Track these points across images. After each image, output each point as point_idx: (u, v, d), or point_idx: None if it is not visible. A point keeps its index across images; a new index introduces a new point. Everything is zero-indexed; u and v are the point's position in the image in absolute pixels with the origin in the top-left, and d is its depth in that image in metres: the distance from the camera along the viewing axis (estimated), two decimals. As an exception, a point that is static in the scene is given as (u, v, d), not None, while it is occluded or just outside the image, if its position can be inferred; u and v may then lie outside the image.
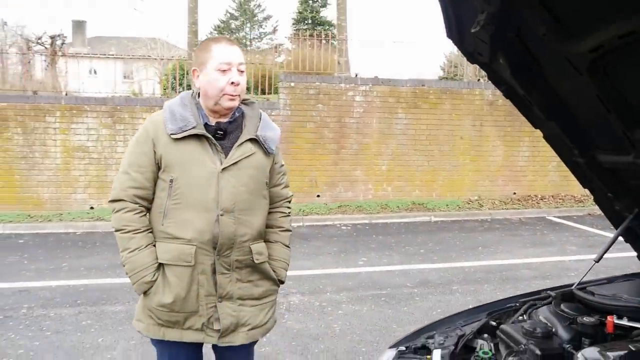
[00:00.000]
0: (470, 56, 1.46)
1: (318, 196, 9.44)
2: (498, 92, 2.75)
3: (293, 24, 28.90)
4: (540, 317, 1.58)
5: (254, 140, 1.93)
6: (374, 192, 9.65)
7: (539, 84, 1.40)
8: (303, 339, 3.87)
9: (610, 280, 1.90)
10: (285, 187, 2.13)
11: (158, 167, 1.89)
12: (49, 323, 4.17)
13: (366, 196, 9.63)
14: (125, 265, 1.88)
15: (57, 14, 55.02)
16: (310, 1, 28.74)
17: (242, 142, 1.90)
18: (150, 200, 1.91)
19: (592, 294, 1.61)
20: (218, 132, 1.89)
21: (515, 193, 10.15)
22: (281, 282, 2.07)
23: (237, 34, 35.66)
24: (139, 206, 1.89)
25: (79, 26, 32.58)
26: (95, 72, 19.23)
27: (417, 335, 1.70)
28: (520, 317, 1.68)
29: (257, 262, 1.93)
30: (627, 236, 1.79)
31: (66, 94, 9.58)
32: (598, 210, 1.88)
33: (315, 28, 22.99)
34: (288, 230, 2.12)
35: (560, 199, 10.12)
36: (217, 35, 32.29)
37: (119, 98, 9.28)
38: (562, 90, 1.41)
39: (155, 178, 1.90)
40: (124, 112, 8.80)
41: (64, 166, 8.67)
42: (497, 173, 10.12)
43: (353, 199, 9.55)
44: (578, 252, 6.62)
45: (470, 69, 11.30)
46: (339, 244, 7.13)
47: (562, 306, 1.58)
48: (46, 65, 9.96)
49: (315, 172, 9.40)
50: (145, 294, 1.89)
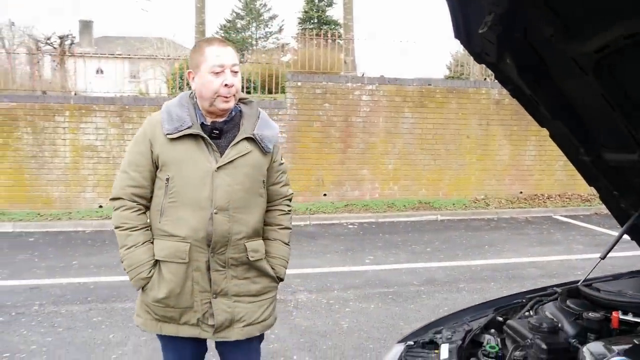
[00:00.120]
0: (478, 56, 1.47)
1: (325, 195, 9.47)
2: (505, 91, 2.75)
3: (299, 23, 28.95)
4: (547, 312, 1.59)
5: (251, 139, 1.94)
6: (380, 191, 9.67)
7: (545, 84, 1.42)
8: (311, 336, 3.91)
9: (615, 277, 1.90)
10: (285, 185, 2.13)
11: (156, 167, 1.92)
12: (61, 319, 4.24)
13: (373, 195, 9.65)
14: (123, 262, 1.95)
15: (64, 14, 55.32)
16: (316, 0, 28.75)
17: (238, 141, 1.92)
18: (148, 199, 1.96)
19: (598, 290, 1.62)
20: (214, 131, 1.92)
21: (521, 192, 10.13)
22: (280, 279, 2.07)
23: (243, 33, 35.72)
24: (137, 204, 1.93)
25: (86, 26, 32.78)
26: (102, 71, 19.34)
27: (425, 331, 1.72)
28: (526, 313, 1.69)
29: (252, 259, 1.94)
30: (633, 234, 1.80)
31: (75, 94, 9.66)
32: (605, 210, 1.89)
33: (321, 27, 22.99)
34: (287, 228, 2.12)
35: (567, 198, 10.08)
36: (223, 35, 32.37)
37: (127, 98, 9.35)
38: (568, 89, 1.43)
39: (153, 177, 1.94)
40: (132, 112, 8.86)
41: (73, 165, 8.76)
42: (504, 172, 10.10)
43: (360, 197, 9.57)
44: (585, 251, 6.60)
45: (477, 68, 11.27)
46: (346, 242, 7.16)
47: (568, 302, 1.59)
48: (55, 65, 10.03)
49: (322, 171, 9.43)
50: (142, 289, 1.95)
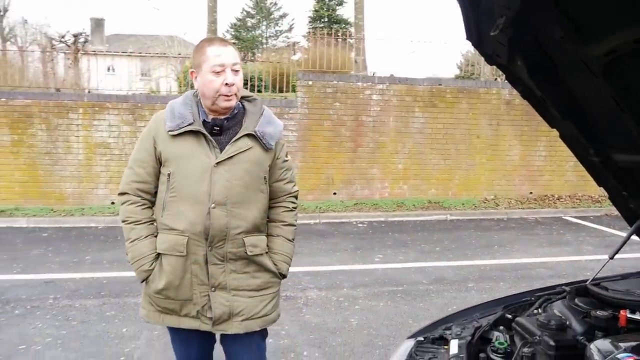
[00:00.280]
0: (489, 58, 1.50)
1: (334, 194, 9.50)
2: (515, 92, 2.77)
3: (309, 22, 28.93)
4: (555, 310, 1.61)
5: (252, 136, 1.98)
6: (390, 191, 9.69)
7: (555, 85, 1.44)
8: (321, 333, 3.95)
9: (624, 276, 1.92)
10: (289, 182, 2.14)
11: (159, 163, 1.99)
12: (75, 313, 4.32)
13: (382, 194, 9.67)
14: (128, 254, 2.01)
15: (76, 11, 55.77)
16: (327, -1, 28.73)
17: (239, 138, 1.96)
18: (153, 194, 2.03)
19: (606, 289, 1.63)
20: (214, 128, 1.97)
21: (531, 193, 10.10)
22: (282, 275, 2.09)
23: (253, 32, 35.82)
24: (142, 199, 2.00)
25: (97, 24, 32.98)
26: (114, 69, 19.48)
27: (435, 327, 1.75)
28: (535, 311, 1.71)
29: (250, 254, 1.97)
30: (642, 234, 1.82)
31: (88, 92, 9.77)
32: (615, 211, 1.89)
33: (332, 26, 22.99)
34: (291, 225, 2.13)
35: (577, 199, 10.03)
36: (232, 34, 32.48)
37: (140, 95, 9.45)
38: (578, 90, 1.45)
39: (157, 173, 2.00)
40: (145, 110, 8.95)
41: (86, 162, 8.87)
42: (514, 172, 10.07)
43: (369, 196, 9.59)
44: (594, 252, 6.58)
45: (488, 68, 11.23)
46: (355, 241, 7.19)
47: (577, 300, 1.60)
48: (69, 63, 10.15)
49: (332, 170, 9.47)
50: (145, 281, 2.01)
